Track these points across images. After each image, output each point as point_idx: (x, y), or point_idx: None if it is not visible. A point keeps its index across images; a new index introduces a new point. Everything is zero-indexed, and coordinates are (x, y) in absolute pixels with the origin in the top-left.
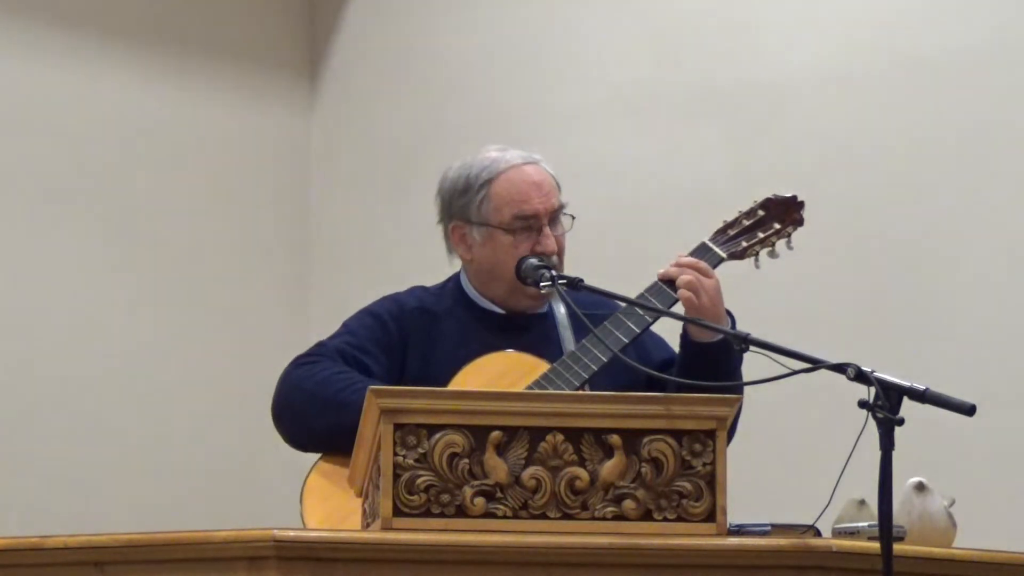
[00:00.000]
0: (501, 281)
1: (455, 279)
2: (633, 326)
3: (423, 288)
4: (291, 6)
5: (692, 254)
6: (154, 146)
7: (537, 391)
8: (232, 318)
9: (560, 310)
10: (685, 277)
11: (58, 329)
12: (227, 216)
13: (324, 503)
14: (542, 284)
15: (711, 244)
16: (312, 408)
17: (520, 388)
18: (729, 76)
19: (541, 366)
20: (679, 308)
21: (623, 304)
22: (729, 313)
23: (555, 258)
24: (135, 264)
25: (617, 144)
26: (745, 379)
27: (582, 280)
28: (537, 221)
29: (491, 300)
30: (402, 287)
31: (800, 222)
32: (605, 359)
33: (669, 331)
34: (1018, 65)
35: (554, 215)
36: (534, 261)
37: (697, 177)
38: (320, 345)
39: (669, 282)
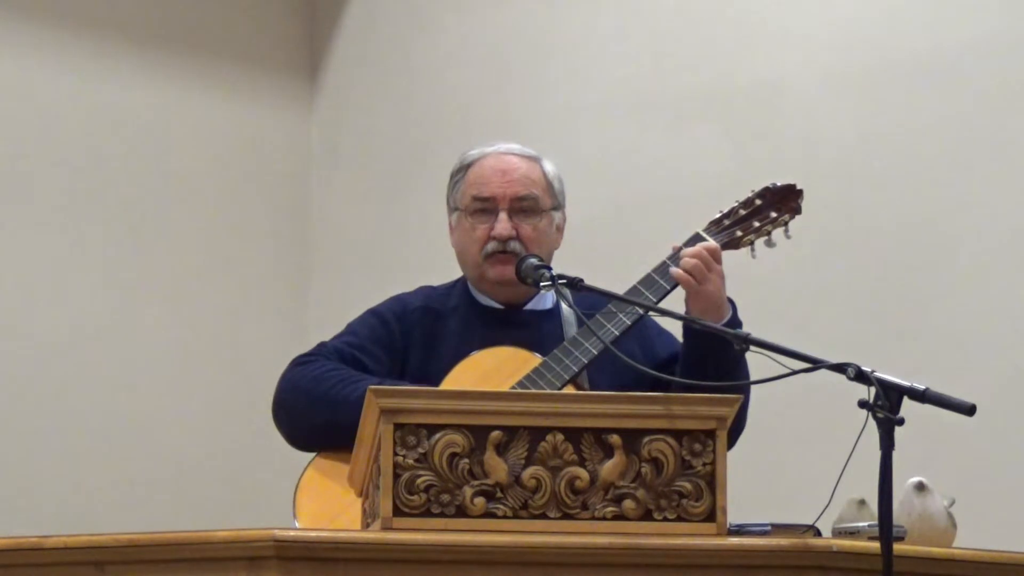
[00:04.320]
0: (466, 267)
1: (464, 277)
2: (624, 318)
3: (431, 287)
4: (291, 6)
5: (684, 245)
6: (154, 146)
7: (539, 391)
8: (232, 318)
9: (566, 306)
10: (689, 261)
11: (57, 329)
12: (227, 216)
13: (316, 499)
14: (542, 284)
15: (704, 234)
16: (306, 405)
17: (513, 382)
18: (728, 76)
19: (534, 361)
20: (668, 301)
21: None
22: (731, 301)
23: (515, 243)
24: (135, 264)
25: (617, 144)
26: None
27: (582, 280)
28: (493, 204)
29: (481, 292)
30: (402, 287)
31: (798, 210)
32: (596, 351)
33: (671, 322)
34: (1016, 62)
35: (518, 203)
36: (533, 261)
37: (697, 177)
38: (320, 345)
39: (662, 272)
